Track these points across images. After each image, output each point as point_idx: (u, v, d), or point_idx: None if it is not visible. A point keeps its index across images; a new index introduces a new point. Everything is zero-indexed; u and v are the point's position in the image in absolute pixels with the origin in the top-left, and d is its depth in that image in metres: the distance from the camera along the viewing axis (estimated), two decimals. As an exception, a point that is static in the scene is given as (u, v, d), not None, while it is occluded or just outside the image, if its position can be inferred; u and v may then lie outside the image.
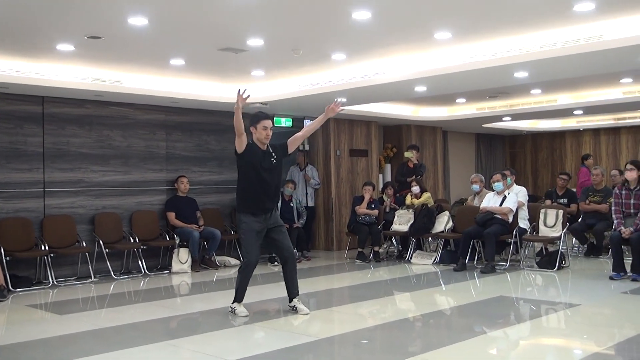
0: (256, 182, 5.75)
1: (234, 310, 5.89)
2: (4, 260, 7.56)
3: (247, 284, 5.90)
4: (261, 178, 5.75)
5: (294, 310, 5.94)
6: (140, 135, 9.34)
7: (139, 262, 8.88)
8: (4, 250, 7.63)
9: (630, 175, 7.66)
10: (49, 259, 8.05)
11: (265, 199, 5.78)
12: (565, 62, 7.01)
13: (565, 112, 12.90)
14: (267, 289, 7.56)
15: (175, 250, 9.05)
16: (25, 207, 8.21)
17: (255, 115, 5.93)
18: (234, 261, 9.45)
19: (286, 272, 5.97)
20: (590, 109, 12.28)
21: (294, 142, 6.04)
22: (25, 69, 7.39)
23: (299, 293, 6.02)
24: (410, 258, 9.57)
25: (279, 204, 10.10)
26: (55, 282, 8.01)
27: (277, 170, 5.91)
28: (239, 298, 5.91)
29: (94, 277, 8.37)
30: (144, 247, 8.94)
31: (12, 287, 7.47)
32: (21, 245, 7.92)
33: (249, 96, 5.71)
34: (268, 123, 5.86)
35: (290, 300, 5.99)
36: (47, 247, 8.01)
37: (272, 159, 5.86)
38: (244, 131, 5.70)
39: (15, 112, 8.16)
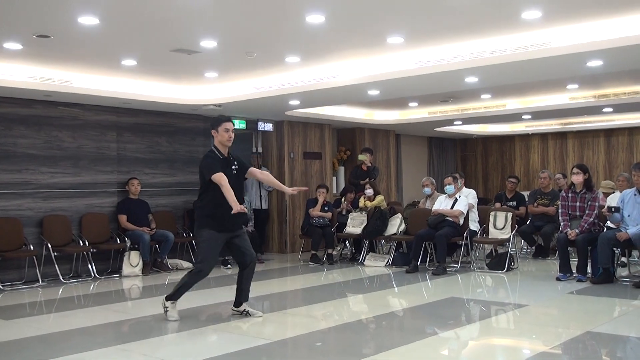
0: (220, 191, 5.52)
1: (167, 310, 5.77)
2: (-53, 265, 7.34)
3: (189, 288, 5.80)
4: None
5: (245, 314, 5.88)
6: (91, 136, 9.17)
7: (89, 265, 8.71)
8: (-54, 254, 7.40)
9: (577, 178, 7.87)
10: (-5, 263, 7.84)
11: (229, 211, 5.49)
12: (513, 68, 7.17)
13: (514, 117, 13.20)
14: (220, 292, 7.51)
15: (126, 254, 8.91)
16: (-30, 210, 7.98)
17: (217, 119, 5.85)
18: (186, 264, 9.35)
19: (243, 276, 5.89)
20: (538, 114, 12.59)
21: (253, 174, 6.00)
22: (-30, 67, 7.19)
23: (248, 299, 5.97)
24: (364, 260, 9.64)
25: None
26: (1, 287, 7.79)
27: (237, 178, 5.77)
28: (176, 296, 5.78)
29: (42, 281, 8.17)
30: (94, 250, 8.78)
31: (-45, 292, 7.25)
32: (-35, 248, 7.70)
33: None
34: (229, 125, 5.80)
35: (240, 305, 5.92)
36: (-8, 251, 7.80)
37: (233, 168, 5.75)
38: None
39: (-41, 112, 7.93)
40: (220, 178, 5.49)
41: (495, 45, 6.80)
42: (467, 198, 9.04)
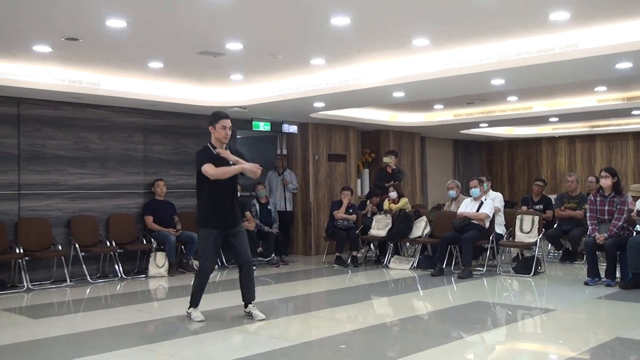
0: (216, 189, 5.62)
1: (190, 315, 5.86)
2: (-22, 264, 7.46)
3: (203, 289, 5.86)
4: (221, 183, 5.63)
5: (250, 316, 5.87)
6: (118, 137, 9.27)
7: (116, 265, 8.80)
8: (-23, 254, 7.53)
9: (605, 182, 7.76)
10: (24, 263, 7.94)
11: (225, 208, 5.67)
12: (540, 70, 7.10)
13: (541, 120, 13.07)
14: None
15: (152, 254, 8.99)
16: (0, 210, 8.10)
17: (214, 115, 5.80)
18: (211, 265, 9.38)
19: (241, 277, 5.90)
20: (566, 117, 12.45)
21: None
22: (0, 70, 7.29)
23: (255, 299, 5.95)
24: (388, 263, 9.60)
25: (258, 208, 10.11)
26: (30, 286, 7.90)
27: (234, 175, 5.76)
28: (194, 302, 5.87)
29: (70, 281, 8.28)
30: (121, 250, 8.87)
31: (-15, 291, 7.37)
32: (-5, 248, 7.83)
33: (261, 169, 5.62)
34: (227, 122, 5.74)
35: (246, 306, 5.93)
36: (21, 251, 7.91)
37: (230, 163, 5.73)
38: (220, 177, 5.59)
39: (-10, 114, 8.07)
40: (208, 168, 5.53)
41: (522, 47, 6.74)
42: (493, 201, 8.96)
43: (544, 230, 8.93)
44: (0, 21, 5.71)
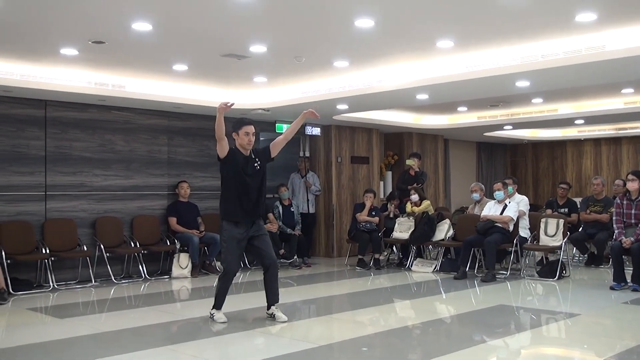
0: (239, 188, 5.70)
1: (213, 316, 5.89)
2: (5, 263, 7.57)
3: (226, 291, 5.90)
4: (244, 184, 5.71)
5: (272, 317, 5.88)
6: (143, 140, 9.36)
7: (140, 266, 8.88)
8: (5, 253, 7.64)
9: (632, 185, 7.67)
10: (50, 263, 8.05)
11: (248, 206, 5.74)
12: (566, 72, 7.03)
13: (566, 122, 12.92)
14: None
15: (176, 255, 9.06)
16: (27, 210, 8.22)
17: (238, 122, 5.87)
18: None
19: (267, 279, 5.92)
20: (591, 119, 12.30)
21: (276, 146, 6.01)
22: (28, 72, 7.41)
23: (279, 301, 5.96)
24: (411, 266, 9.57)
25: (280, 210, 10.14)
26: (55, 286, 8.01)
27: (260, 176, 5.84)
28: (218, 305, 5.91)
29: (95, 281, 8.38)
30: (145, 251, 8.95)
31: (12, 290, 7.47)
32: (22, 248, 7.94)
33: (232, 104, 5.61)
34: (250, 129, 5.79)
35: (269, 308, 5.94)
36: (48, 251, 8.02)
37: (256, 165, 5.81)
38: (224, 136, 5.64)
39: (18, 116, 8.19)
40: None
41: (547, 48, 6.68)
42: (518, 204, 8.89)
43: (568, 233, 8.84)
44: (28, 25, 5.81)
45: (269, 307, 5.94)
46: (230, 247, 5.76)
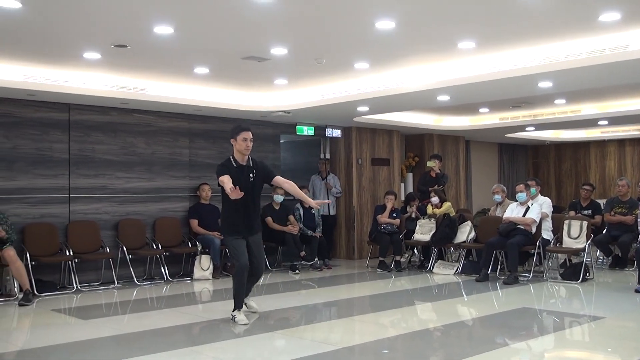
0: (233, 203, 5.71)
1: (234, 318, 5.95)
2: (30, 265, 7.66)
3: (243, 287, 6.01)
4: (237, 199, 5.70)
5: (245, 306, 6.20)
6: (164, 142, 9.42)
7: (162, 268, 8.94)
8: (29, 255, 7.73)
9: (657, 186, 7.57)
10: (73, 264, 8.14)
11: (244, 216, 5.90)
12: (590, 72, 6.95)
13: (590, 123, 12.78)
14: (288, 297, 7.58)
15: (197, 257, 9.10)
16: (51, 213, 8.31)
17: (236, 127, 6.01)
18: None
19: (248, 281, 6.12)
20: (615, 120, 12.16)
21: (279, 183, 6.14)
22: (52, 76, 7.50)
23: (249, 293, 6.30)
24: (432, 268, 9.53)
25: (301, 212, 10.14)
26: (79, 287, 8.09)
27: (252, 186, 5.91)
28: (238, 305, 5.98)
29: (117, 283, 8.45)
30: (167, 253, 9.00)
31: (37, 292, 7.56)
32: (46, 250, 8.03)
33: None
34: (248, 135, 5.91)
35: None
36: (71, 253, 8.10)
37: (251, 175, 5.93)
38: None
39: (41, 119, 8.29)
40: (222, 179, 5.66)
41: (571, 48, 6.61)
42: (541, 206, 8.81)
43: (592, 235, 8.73)
44: (52, 30, 5.88)
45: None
46: (237, 245, 5.92)
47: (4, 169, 7.98)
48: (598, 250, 9.78)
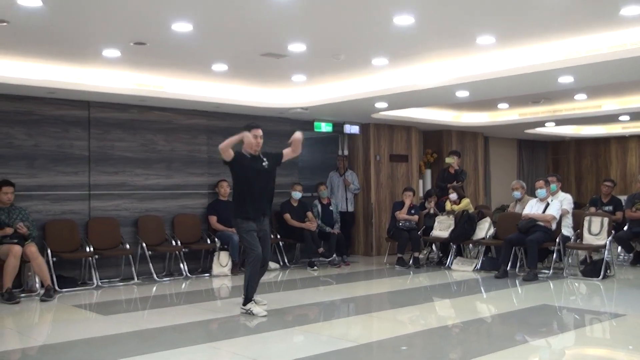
0: (248, 184, 6.06)
1: (251, 311, 6.00)
2: (51, 261, 7.75)
3: (256, 276, 6.12)
4: (253, 180, 6.07)
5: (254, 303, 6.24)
6: (183, 139, 9.47)
7: (181, 264, 8.99)
8: (50, 251, 7.82)
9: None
10: (94, 261, 8.21)
11: (258, 201, 6.11)
12: (611, 67, 6.88)
13: (611, 118, 12.66)
14: (306, 294, 7.59)
15: (216, 254, 9.14)
16: (71, 209, 8.39)
17: (246, 126, 6.23)
18: (273, 265, 9.48)
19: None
20: (637, 115, 12.02)
21: (286, 154, 6.41)
22: (72, 74, 7.56)
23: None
24: (451, 264, 9.49)
25: (319, 208, 10.15)
26: (99, 283, 8.16)
27: (268, 174, 6.22)
28: (250, 295, 6.08)
29: (137, 279, 8.51)
30: (186, 250, 9.05)
31: (58, 287, 7.64)
32: (67, 246, 8.11)
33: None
34: (258, 132, 6.16)
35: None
36: (92, 249, 8.17)
37: (264, 164, 6.20)
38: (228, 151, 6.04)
39: (62, 117, 8.36)
40: (220, 146, 6.07)
41: (591, 43, 6.54)
42: (561, 203, 8.73)
43: (613, 232, 8.65)
44: (72, 28, 5.92)
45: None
46: (251, 236, 6.06)
47: (26, 167, 8.07)
48: (619, 247, 9.69)
